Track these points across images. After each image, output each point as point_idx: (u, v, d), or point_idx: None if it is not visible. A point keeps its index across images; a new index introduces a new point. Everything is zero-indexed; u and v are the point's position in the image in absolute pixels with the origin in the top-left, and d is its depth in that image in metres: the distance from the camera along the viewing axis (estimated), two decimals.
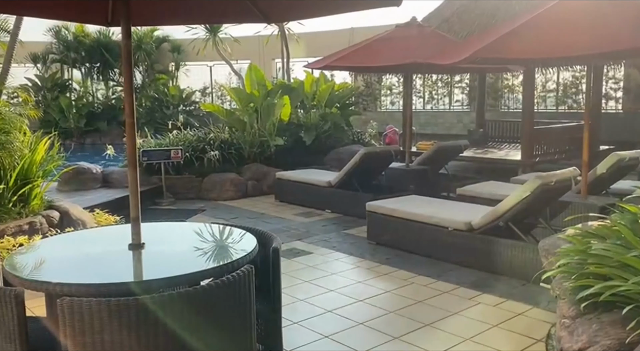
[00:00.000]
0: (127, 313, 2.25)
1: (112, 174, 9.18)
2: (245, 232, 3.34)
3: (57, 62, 21.18)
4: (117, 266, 2.91)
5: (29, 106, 5.97)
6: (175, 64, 21.91)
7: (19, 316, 2.38)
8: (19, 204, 5.46)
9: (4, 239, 4.86)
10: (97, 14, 3.75)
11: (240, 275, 2.55)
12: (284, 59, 15.69)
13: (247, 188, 9.63)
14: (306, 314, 4.20)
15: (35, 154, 5.73)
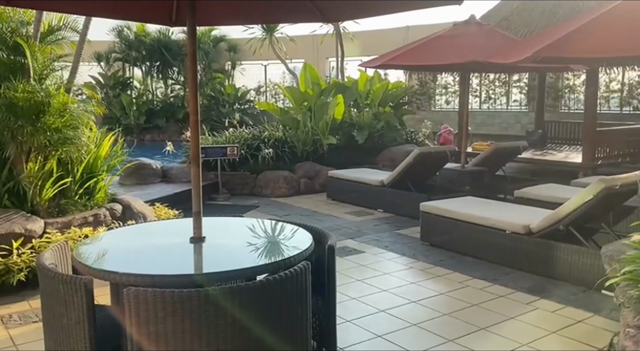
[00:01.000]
0: (189, 304, 2.32)
1: (171, 169, 9.47)
2: (301, 229, 3.38)
3: (119, 60, 21.98)
4: (179, 258, 3.00)
5: (93, 102, 6.21)
6: (232, 63, 22.32)
7: (87, 303, 2.51)
8: (85, 197, 5.72)
9: (70, 230, 5.10)
10: (162, 14, 3.88)
11: (297, 271, 2.58)
12: (338, 57, 15.71)
13: (300, 185, 9.72)
14: (359, 313, 4.21)
15: (101, 149, 5.98)
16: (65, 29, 5.88)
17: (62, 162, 5.51)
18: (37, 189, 5.23)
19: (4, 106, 5.00)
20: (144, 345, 2.34)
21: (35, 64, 5.44)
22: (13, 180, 5.12)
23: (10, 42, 5.46)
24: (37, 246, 4.75)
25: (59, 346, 2.65)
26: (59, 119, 5.28)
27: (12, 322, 4.01)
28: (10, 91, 5.08)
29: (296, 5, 3.54)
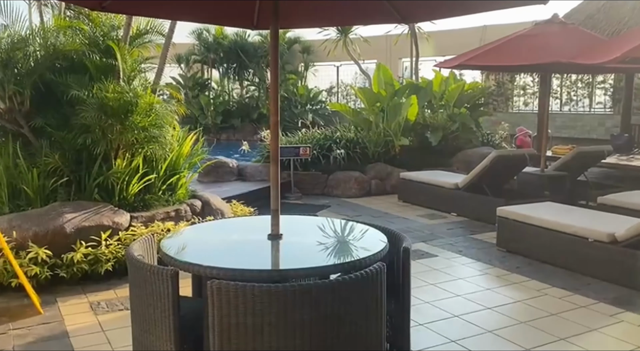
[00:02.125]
0: (268, 299, 2.39)
1: (247, 168, 9.73)
2: (375, 230, 3.39)
3: (198, 62, 22.81)
4: (258, 254, 3.09)
5: (175, 102, 6.50)
6: (305, 64, 22.60)
7: (173, 294, 2.63)
8: (167, 192, 5.99)
9: (154, 224, 5.36)
10: (244, 18, 4.01)
11: (372, 272, 2.59)
12: (412, 58, 15.54)
13: (371, 186, 9.71)
14: (432, 317, 4.16)
15: (183, 147, 6.25)
16: (152, 33, 6.19)
17: (147, 160, 5.80)
18: (124, 184, 5.54)
19: (96, 106, 5.33)
20: (224, 336, 2.43)
21: (125, 66, 5.76)
22: (103, 175, 5.44)
23: (103, 45, 5.82)
24: (124, 238, 5.03)
25: (145, 334, 2.80)
26: (146, 119, 5.57)
27: (100, 309, 4.27)
28: (102, 91, 5.41)
29: (376, 7, 3.56)
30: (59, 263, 4.67)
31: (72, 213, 4.96)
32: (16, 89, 5.37)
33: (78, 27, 5.74)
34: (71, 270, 4.67)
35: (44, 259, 4.56)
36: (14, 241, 4.58)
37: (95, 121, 5.30)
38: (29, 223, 4.76)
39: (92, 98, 5.34)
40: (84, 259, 4.71)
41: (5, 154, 5.35)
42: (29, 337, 3.75)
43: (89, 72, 5.61)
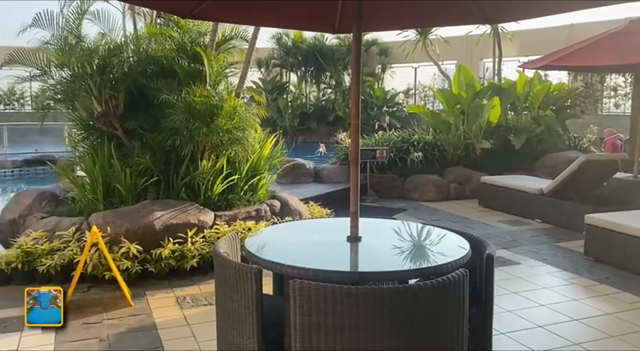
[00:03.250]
0: (349, 300, 2.41)
1: (323, 170, 9.83)
2: (457, 235, 3.33)
3: (277, 66, 23.32)
4: (338, 255, 3.13)
5: (254, 105, 6.69)
6: (382, 66, 22.51)
7: (257, 291, 2.71)
8: (249, 193, 6.18)
9: (236, 222, 5.54)
10: (326, 22, 4.07)
11: (454, 278, 2.55)
12: (494, 58, 15.06)
13: (449, 190, 9.52)
14: (514, 326, 4.02)
15: (264, 149, 6.42)
16: (236, 38, 6.40)
17: (230, 161, 6.01)
18: (209, 184, 5.77)
19: (184, 109, 5.58)
20: (305, 335, 2.47)
21: (211, 71, 6.00)
22: (189, 175, 5.70)
23: (190, 51, 6.09)
24: (208, 236, 5.24)
25: (229, 329, 2.90)
26: (230, 121, 5.77)
27: (186, 303, 4.47)
28: (189, 95, 5.67)
29: (460, 8, 3.49)
30: (148, 258, 4.93)
31: (161, 210, 5.22)
32: (111, 93, 5.72)
33: (168, 34, 6.04)
34: (159, 265, 4.92)
35: (135, 254, 4.83)
36: (108, 237, 4.89)
37: (183, 123, 5.55)
38: (121, 219, 5.06)
39: (181, 102, 5.60)
40: (171, 255, 4.95)
41: (101, 155, 5.71)
42: (121, 327, 3.99)
43: (178, 77, 5.88)
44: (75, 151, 6.49)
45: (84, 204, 5.66)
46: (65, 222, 5.21)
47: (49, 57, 5.80)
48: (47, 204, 5.87)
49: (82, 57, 5.44)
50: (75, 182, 5.90)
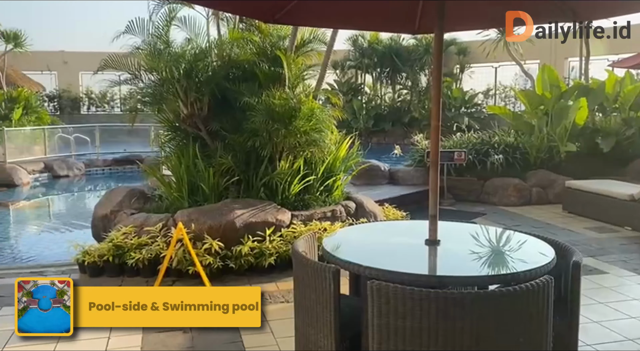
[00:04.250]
0: (428, 304, 2.39)
1: (398, 172, 9.77)
2: (540, 241, 3.22)
3: (352, 68, 23.39)
4: (416, 258, 3.11)
5: (329, 107, 6.75)
6: (460, 66, 22.03)
7: (334, 290, 2.76)
8: (324, 193, 6.26)
9: (312, 223, 5.63)
10: (406, 23, 4.05)
11: (538, 285, 2.47)
12: (581, 57, 14.35)
13: (531, 195, 9.17)
14: (602, 338, 3.83)
15: (340, 151, 6.48)
16: (315, 41, 6.50)
17: (307, 162, 6.12)
18: (287, 184, 5.89)
19: (264, 111, 5.75)
20: (382, 336, 2.48)
21: (290, 74, 6.13)
22: (268, 176, 5.85)
23: (271, 55, 6.25)
24: (285, 235, 5.36)
25: (307, 326, 2.96)
26: (307, 123, 5.87)
27: (264, 300, 4.59)
28: (269, 98, 5.82)
29: (545, 6, 3.38)
30: (229, 254, 5.12)
31: (242, 209, 5.40)
32: (197, 96, 5.98)
33: (250, 38, 6.23)
34: (239, 262, 5.09)
35: (217, 250, 5.03)
36: (192, 233, 5.12)
37: (263, 125, 5.71)
38: (205, 217, 5.28)
39: (261, 104, 5.77)
40: (250, 253, 5.11)
41: (186, 155, 5.98)
42: None
43: (258, 80, 6.06)
44: (162, 151, 6.84)
45: (170, 202, 5.95)
46: (153, 218, 5.50)
47: (140, 62, 6.15)
48: (136, 201, 6.21)
49: (170, 62, 5.73)
50: (162, 180, 6.22)
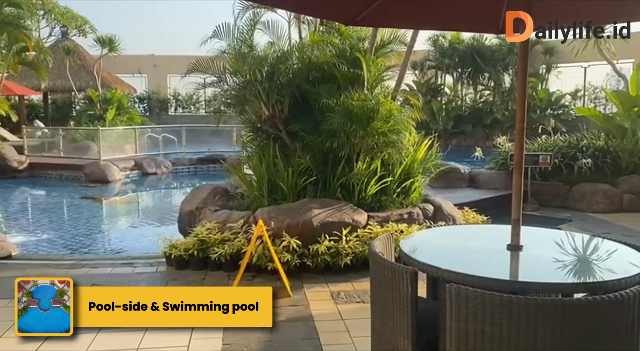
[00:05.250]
0: (509, 310, 2.34)
1: (479, 175, 9.53)
2: (632, 250, 3.05)
3: (432, 68, 23.04)
4: (497, 263, 3.04)
5: (411, 108, 6.70)
6: (547, 66, 21.12)
7: (412, 292, 2.75)
8: (401, 195, 6.23)
9: (388, 224, 5.63)
10: (489, 22, 3.97)
11: (627, 296, 2.35)
12: None
13: (623, 201, 8.65)
14: None
15: (418, 152, 6.42)
16: (395, 42, 6.49)
17: (384, 163, 6.11)
18: (363, 185, 5.92)
19: (342, 113, 5.80)
20: (461, 341, 2.46)
21: (369, 75, 6.15)
22: (345, 176, 5.90)
23: (350, 56, 6.30)
24: (361, 235, 5.39)
25: (383, 326, 2.98)
26: (385, 124, 5.87)
27: (340, 299, 4.65)
28: (347, 99, 5.87)
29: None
30: (306, 253, 5.22)
31: (319, 209, 5.49)
32: (278, 98, 6.14)
33: (330, 41, 6.32)
34: (316, 260, 5.18)
35: (294, 248, 5.15)
36: (271, 230, 5.26)
37: (341, 126, 5.77)
38: (283, 215, 5.42)
39: (339, 106, 5.83)
40: (326, 252, 5.19)
41: (267, 155, 6.15)
42: (281, 316, 4.28)
43: (337, 81, 6.13)
44: (243, 151, 7.08)
45: (251, 200, 6.16)
46: (235, 215, 5.71)
47: (225, 65, 6.40)
48: (219, 199, 6.47)
49: (253, 65, 5.92)
50: (243, 179, 6.44)
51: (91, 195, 12.04)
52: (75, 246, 7.66)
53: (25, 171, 14.45)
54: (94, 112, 19.12)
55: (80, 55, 23.96)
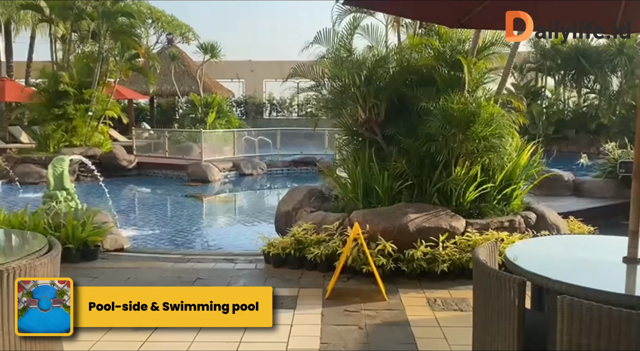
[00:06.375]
0: (627, 326, 2.20)
1: (584, 183, 9.01)
2: None
3: (532, 70, 22.04)
4: (610, 275, 2.87)
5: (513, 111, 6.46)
6: None
7: (519, 303, 2.66)
8: (502, 202, 6.02)
9: (488, 232, 5.46)
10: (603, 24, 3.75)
11: None
12: None
13: None
14: None
15: (521, 158, 6.17)
16: (498, 44, 6.29)
17: (484, 169, 5.94)
18: (462, 191, 5.79)
19: (441, 116, 5.71)
20: None
21: (470, 78, 6.01)
22: (442, 181, 5.80)
23: (450, 59, 6.19)
24: (459, 242, 5.27)
25: (486, 336, 2.90)
26: (487, 128, 5.71)
27: (437, 306, 4.58)
28: (447, 102, 5.77)
29: None
30: (401, 257, 5.19)
31: (415, 213, 5.44)
32: (375, 101, 6.16)
33: (429, 43, 6.25)
34: (411, 265, 5.14)
35: (390, 252, 5.13)
36: (366, 233, 5.28)
37: (439, 130, 5.68)
38: (379, 218, 5.42)
39: (438, 109, 5.75)
40: (422, 257, 5.12)
41: (362, 158, 6.18)
42: (377, 319, 4.29)
43: (436, 84, 6.04)
44: (338, 154, 7.16)
45: (346, 202, 6.22)
46: (330, 217, 5.79)
47: (323, 70, 6.51)
48: (315, 200, 6.60)
49: (352, 69, 5.98)
50: (338, 182, 6.52)
51: (193, 193, 12.69)
52: (180, 241, 8.13)
53: (133, 169, 15.51)
54: (195, 115, 20.17)
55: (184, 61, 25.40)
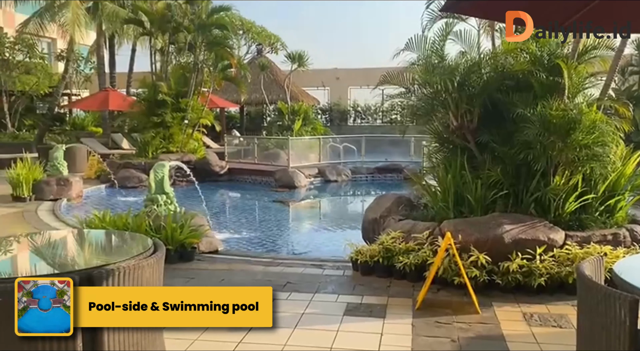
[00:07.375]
0: None
1: None
2: None
3: (635, 74, 20.56)
4: None
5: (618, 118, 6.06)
6: None
7: (630, 322, 2.49)
8: (604, 214, 5.66)
9: (590, 245, 5.14)
10: None
11: None
12: None
13: None
14: None
15: (626, 167, 5.78)
16: (600, 48, 5.94)
17: (585, 178, 5.62)
18: (561, 201, 5.51)
19: (539, 123, 5.47)
20: None
21: (570, 83, 5.72)
22: (540, 191, 5.55)
23: (548, 64, 5.91)
24: (558, 255, 5.01)
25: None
26: (588, 136, 5.39)
27: (533, 321, 4.37)
28: (545, 109, 5.52)
29: None
30: (495, 269, 5.01)
31: (510, 224, 5.23)
32: (467, 107, 6.01)
33: (525, 48, 6.01)
34: (506, 278, 4.95)
35: (483, 264, 4.97)
36: (458, 244, 5.14)
37: (537, 138, 5.44)
38: (472, 229, 5.27)
39: (535, 116, 5.51)
40: (518, 270, 4.92)
41: (454, 166, 6.04)
42: (470, 332, 4.16)
43: (533, 90, 5.80)
44: (427, 161, 7.05)
45: (435, 211, 6.09)
46: (420, 226, 5.71)
47: (414, 76, 6.45)
48: (403, 208, 6.53)
49: (444, 75, 5.87)
50: (428, 190, 6.41)
51: (280, 199, 12.97)
52: (270, 245, 8.33)
53: (224, 175, 16.08)
54: (282, 123, 20.63)
55: (272, 70, 26.11)
